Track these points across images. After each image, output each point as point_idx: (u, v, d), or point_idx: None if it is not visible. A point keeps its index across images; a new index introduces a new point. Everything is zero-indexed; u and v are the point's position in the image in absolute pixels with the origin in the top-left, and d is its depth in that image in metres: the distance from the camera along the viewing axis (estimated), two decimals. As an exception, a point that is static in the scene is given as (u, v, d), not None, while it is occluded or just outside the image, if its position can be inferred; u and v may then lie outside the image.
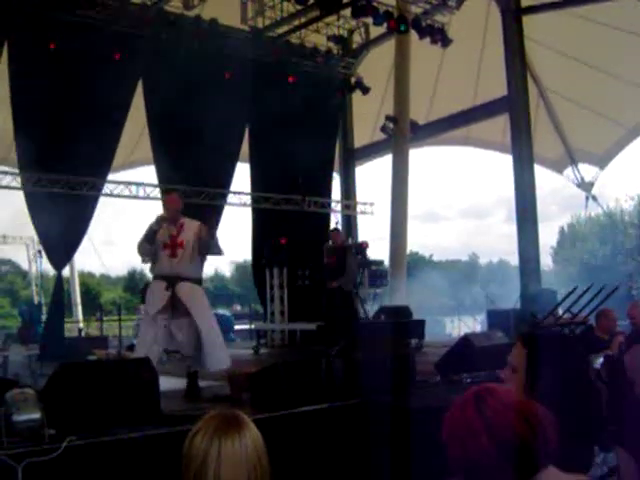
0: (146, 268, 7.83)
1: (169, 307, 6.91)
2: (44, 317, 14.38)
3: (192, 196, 14.38)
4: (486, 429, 1.75)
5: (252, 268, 17.18)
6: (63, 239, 13.23)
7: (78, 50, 12.88)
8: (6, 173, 13.69)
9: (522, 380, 2.48)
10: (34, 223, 13.14)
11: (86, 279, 40.61)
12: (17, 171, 13.69)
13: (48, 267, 14.38)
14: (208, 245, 7.11)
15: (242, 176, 16.53)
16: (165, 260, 7.02)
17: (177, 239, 7.03)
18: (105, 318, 18.94)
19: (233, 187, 16.07)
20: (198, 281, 7.33)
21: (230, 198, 16.20)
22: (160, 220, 6.96)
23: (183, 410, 6.03)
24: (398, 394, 6.45)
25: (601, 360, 4.76)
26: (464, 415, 1.79)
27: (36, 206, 13.03)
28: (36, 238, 18.09)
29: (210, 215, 15.00)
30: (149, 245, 6.96)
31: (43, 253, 13.62)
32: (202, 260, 7.39)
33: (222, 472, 1.87)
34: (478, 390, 1.84)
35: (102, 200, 14.30)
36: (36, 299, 24.44)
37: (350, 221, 18.70)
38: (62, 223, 12.88)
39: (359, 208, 18.91)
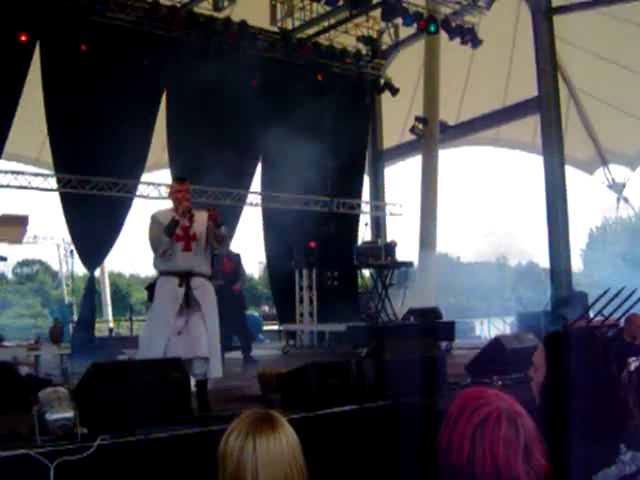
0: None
1: (184, 306, 6.44)
2: (75, 317, 14.51)
3: (220, 197, 14.47)
4: (523, 448, 1.77)
5: (267, 269, 17.22)
6: (96, 241, 13.34)
7: (109, 52, 13.02)
8: (37, 175, 13.82)
9: (541, 378, 2.50)
10: (68, 224, 13.26)
11: (116, 279, 40.85)
12: (49, 172, 13.84)
13: (78, 267, 14.48)
14: (219, 236, 6.64)
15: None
16: (178, 254, 6.50)
17: (190, 231, 6.54)
18: (135, 318, 19.05)
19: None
20: (210, 278, 6.85)
21: (255, 199, 16.29)
22: (185, 212, 6.47)
23: (213, 410, 6.05)
24: (428, 396, 6.43)
25: (636, 364, 4.69)
26: (498, 429, 1.79)
27: (70, 207, 13.15)
28: (67, 238, 18.25)
29: (232, 216, 15.11)
30: (169, 238, 6.43)
31: (75, 254, 13.71)
32: (211, 254, 6.96)
33: (260, 471, 1.87)
34: (510, 407, 1.84)
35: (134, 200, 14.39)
36: (67, 299, 24.67)
37: (379, 222, 18.69)
38: (96, 225, 13.01)
39: (388, 209, 18.88)
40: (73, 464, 4.36)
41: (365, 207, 18.52)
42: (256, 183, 16.41)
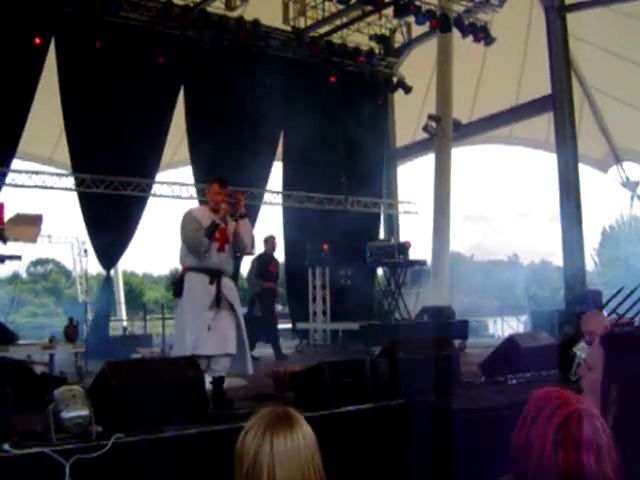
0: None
1: (214, 303, 6.63)
2: (88, 316, 14.58)
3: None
4: (607, 451, 1.76)
5: (285, 267, 17.23)
6: (113, 240, 13.38)
7: (124, 51, 13.06)
8: (52, 174, 13.87)
9: (598, 379, 2.42)
10: (86, 224, 13.32)
11: (129, 278, 40.88)
12: (64, 172, 13.90)
13: (92, 266, 14.52)
14: (245, 245, 7.02)
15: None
16: (213, 254, 6.72)
17: (225, 233, 6.79)
18: (148, 317, 19.07)
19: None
20: (233, 278, 7.13)
21: (269, 198, 16.31)
22: (226, 216, 6.77)
23: (229, 407, 6.06)
24: (442, 395, 6.42)
25: None
26: (580, 431, 1.76)
27: (88, 207, 13.21)
28: (81, 238, 18.28)
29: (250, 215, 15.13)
30: (209, 241, 6.63)
31: (89, 253, 13.78)
32: (234, 255, 7.21)
33: (276, 470, 1.86)
34: (588, 409, 1.82)
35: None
36: (80, 298, 24.74)
37: (392, 220, 18.65)
38: (113, 224, 13.07)
39: (402, 207, 18.85)
40: (88, 462, 4.37)
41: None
42: (273, 183, 16.47)
